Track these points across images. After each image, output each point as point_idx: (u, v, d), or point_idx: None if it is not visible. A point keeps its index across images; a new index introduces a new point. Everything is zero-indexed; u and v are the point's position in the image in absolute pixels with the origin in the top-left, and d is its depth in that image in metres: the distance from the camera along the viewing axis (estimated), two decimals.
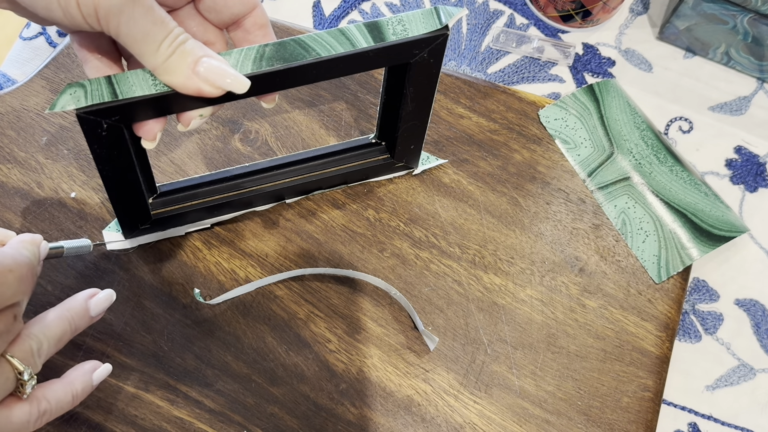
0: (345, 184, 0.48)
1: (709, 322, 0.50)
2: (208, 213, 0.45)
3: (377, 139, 0.47)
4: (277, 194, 0.46)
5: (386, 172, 0.48)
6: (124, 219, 0.42)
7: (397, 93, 0.42)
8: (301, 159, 0.46)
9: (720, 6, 0.51)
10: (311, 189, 0.47)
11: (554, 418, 0.44)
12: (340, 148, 0.47)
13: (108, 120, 0.34)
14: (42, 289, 0.44)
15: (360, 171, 0.47)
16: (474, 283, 0.47)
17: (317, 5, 0.56)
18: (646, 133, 0.51)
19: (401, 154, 0.46)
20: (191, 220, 0.45)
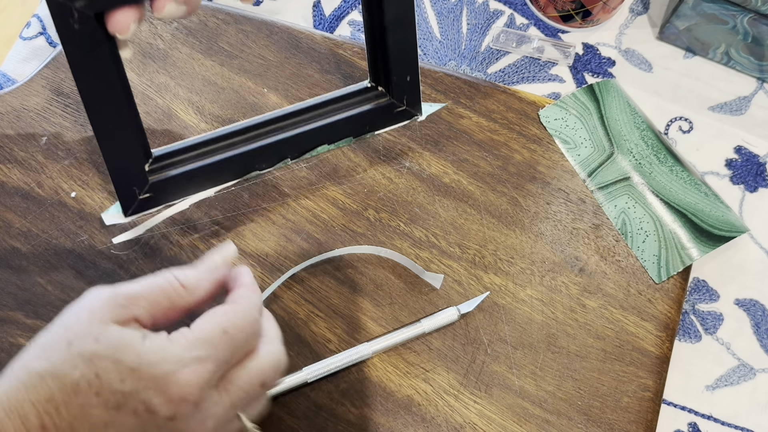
0: (350, 137, 0.46)
1: (709, 322, 0.50)
2: (210, 178, 0.43)
3: (372, 83, 0.46)
4: (279, 151, 0.45)
5: (390, 121, 0.47)
6: (121, 183, 0.41)
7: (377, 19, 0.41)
8: (298, 110, 0.45)
9: (720, 6, 0.51)
10: (314, 143, 0.46)
11: (554, 418, 0.44)
12: (337, 95, 0.46)
13: (77, 3, 0.33)
14: (42, 289, 0.44)
15: (361, 118, 0.45)
16: (474, 283, 0.47)
17: (317, 5, 0.56)
18: (646, 133, 0.51)
19: (399, 90, 0.45)
20: (192, 186, 0.43)
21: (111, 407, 0.31)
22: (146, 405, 0.31)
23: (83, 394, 0.30)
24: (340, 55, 0.51)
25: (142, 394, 0.31)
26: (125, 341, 0.31)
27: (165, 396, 0.31)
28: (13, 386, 0.30)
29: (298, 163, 0.48)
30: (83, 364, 0.31)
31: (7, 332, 0.43)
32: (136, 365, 0.31)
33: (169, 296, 0.34)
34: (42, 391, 0.30)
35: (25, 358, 0.32)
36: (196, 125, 0.49)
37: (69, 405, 0.30)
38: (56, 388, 0.30)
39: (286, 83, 0.50)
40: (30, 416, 0.30)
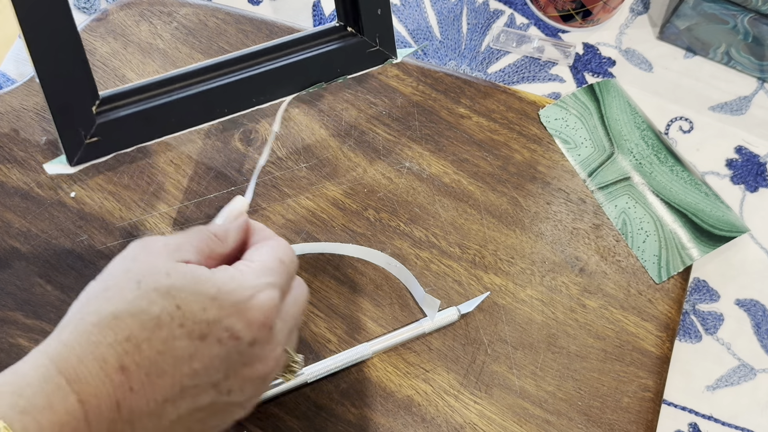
0: (321, 82, 0.44)
1: (709, 322, 0.50)
2: (166, 121, 0.40)
3: (341, 22, 0.44)
4: (242, 93, 0.42)
5: (363, 63, 0.44)
6: (65, 126, 0.38)
7: None
8: (262, 50, 0.42)
9: (720, 6, 0.51)
10: (281, 86, 0.43)
11: (554, 418, 0.44)
12: (303, 35, 0.43)
13: None
14: (42, 289, 0.44)
15: (331, 59, 0.43)
16: (474, 283, 0.46)
17: (317, 5, 0.56)
18: (646, 133, 0.51)
19: (370, 27, 0.42)
20: (146, 131, 0.40)
21: (195, 337, 0.30)
22: (230, 332, 0.31)
23: (166, 327, 0.30)
24: None
25: (225, 321, 0.31)
26: (197, 273, 0.31)
27: (246, 321, 0.31)
28: (84, 331, 0.29)
29: (298, 163, 0.48)
30: (161, 298, 0.30)
31: (6, 332, 0.43)
32: (214, 293, 0.31)
33: (208, 244, 0.34)
34: (119, 330, 0.29)
35: (89, 304, 0.30)
36: None
37: (151, 341, 0.29)
38: (136, 326, 0.29)
39: None
40: (109, 359, 0.29)
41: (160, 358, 0.29)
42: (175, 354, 0.30)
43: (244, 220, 0.37)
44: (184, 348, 0.30)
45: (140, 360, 0.29)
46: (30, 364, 0.29)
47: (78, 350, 0.29)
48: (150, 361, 0.29)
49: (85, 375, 0.28)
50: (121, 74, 0.50)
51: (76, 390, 0.28)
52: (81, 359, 0.29)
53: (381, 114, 0.50)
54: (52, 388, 0.28)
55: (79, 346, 0.29)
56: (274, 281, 0.33)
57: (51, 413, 0.27)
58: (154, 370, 0.29)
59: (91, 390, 0.28)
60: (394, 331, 0.45)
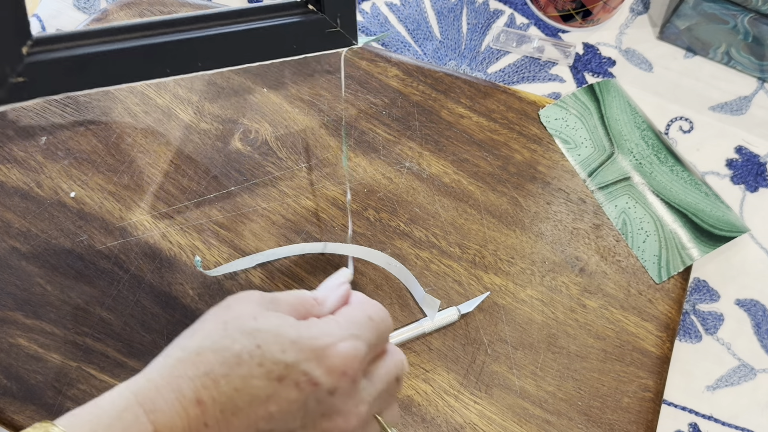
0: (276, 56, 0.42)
1: (709, 322, 0.50)
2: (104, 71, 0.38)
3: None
4: (189, 53, 0.40)
5: (322, 43, 0.42)
6: None
7: None
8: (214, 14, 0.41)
9: (720, 6, 0.51)
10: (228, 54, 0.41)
11: (555, 418, 0.44)
12: (261, 6, 0.42)
13: None
14: (41, 289, 0.44)
15: (286, 32, 0.41)
16: (474, 283, 0.46)
17: None
18: (646, 132, 0.51)
19: (332, 6, 0.41)
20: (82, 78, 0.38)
21: (273, 378, 0.30)
22: (308, 376, 0.31)
23: (245, 365, 0.30)
24: (340, 55, 0.51)
25: (303, 365, 0.31)
26: (283, 320, 0.32)
27: (325, 367, 0.31)
28: (167, 364, 0.30)
29: (298, 163, 0.48)
30: (243, 337, 0.30)
31: (6, 332, 0.43)
32: (295, 338, 0.31)
33: (304, 304, 0.35)
34: (200, 365, 0.30)
35: (177, 343, 0.31)
36: (197, 125, 0.49)
37: (230, 377, 0.30)
38: (216, 361, 0.30)
39: (286, 83, 0.50)
40: (186, 391, 0.29)
41: (237, 396, 0.30)
42: (252, 393, 0.30)
43: (345, 288, 0.37)
44: (261, 388, 0.30)
45: (217, 395, 0.29)
46: (112, 396, 0.30)
47: (158, 382, 0.29)
48: (226, 398, 0.30)
49: (162, 406, 0.29)
50: None
51: (152, 420, 0.28)
52: (159, 390, 0.29)
53: (381, 114, 0.50)
54: (129, 417, 0.28)
55: (160, 378, 0.30)
56: (359, 334, 0.33)
57: None
58: (229, 407, 0.30)
59: (166, 421, 0.29)
60: (394, 331, 0.45)
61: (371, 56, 0.51)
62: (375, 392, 0.33)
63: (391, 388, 0.34)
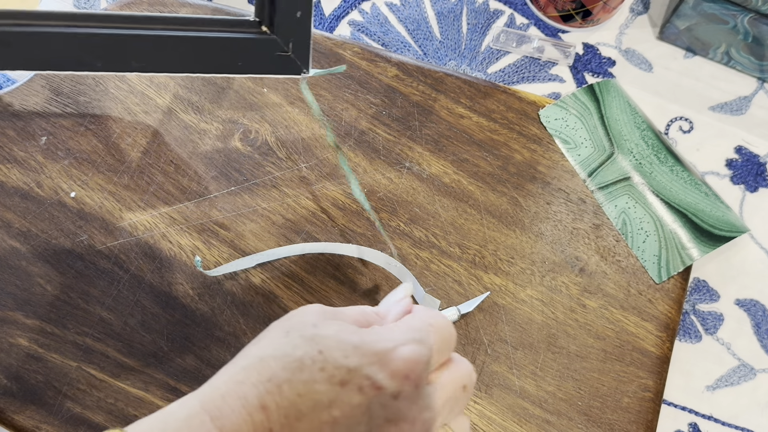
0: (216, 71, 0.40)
1: (709, 322, 0.50)
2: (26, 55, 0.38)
3: (257, 17, 0.40)
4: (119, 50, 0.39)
5: (270, 66, 0.41)
6: None
7: None
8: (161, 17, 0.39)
9: (720, 6, 0.51)
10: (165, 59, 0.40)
11: (554, 418, 0.44)
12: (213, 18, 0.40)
13: None
14: (42, 289, 0.44)
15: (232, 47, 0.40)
16: (474, 283, 0.46)
17: (317, 5, 0.56)
18: (646, 133, 0.51)
19: (285, 28, 0.40)
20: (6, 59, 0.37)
21: (336, 383, 0.30)
22: (371, 380, 0.30)
23: (307, 370, 0.30)
24: (340, 55, 0.51)
25: (366, 369, 0.31)
26: (344, 327, 0.32)
27: (388, 371, 0.31)
28: (231, 372, 0.31)
29: (298, 163, 0.48)
30: (305, 343, 0.31)
31: (6, 332, 0.43)
32: (357, 342, 0.31)
33: (365, 317, 0.35)
34: (263, 371, 0.30)
35: (241, 352, 0.32)
36: (196, 125, 0.49)
37: (292, 382, 0.30)
38: (278, 367, 0.30)
39: (286, 83, 0.50)
40: (250, 397, 0.30)
41: (300, 401, 0.30)
42: (315, 398, 0.30)
43: (407, 302, 0.37)
44: (324, 393, 0.30)
45: (280, 401, 0.30)
46: (179, 404, 0.30)
47: (222, 389, 0.30)
48: (290, 402, 0.30)
49: (227, 412, 0.29)
50: (121, 74, 0.50)
51: (218, 426, 0.29)
52: (224, 398, 0.30)
53: (381, 114, 0.50)
54: (195, 423, 0.29)
55: (224, 385, 0.30)
56: (421, 338, 0.32)
57: None
58: (293, 413, 0.30)
59: (232, 427, 0.29)
60: None
61: (371, 56, 0.51)
62: (440, 400, 0.33)
63: (458, 397, 0.34)
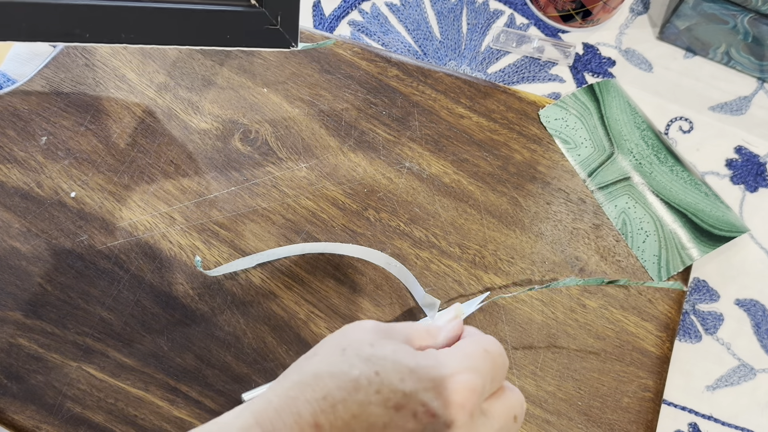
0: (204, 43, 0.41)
1: (709, 322, 0.50)
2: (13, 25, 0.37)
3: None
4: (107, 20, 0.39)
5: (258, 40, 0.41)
6: None
7: None
8: None
9: (720, 6, 0.51)
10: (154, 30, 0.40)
11: (554, 418, 0.44)
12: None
13: None
14: (41, 289, 0.44)
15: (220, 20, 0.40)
16: (474, 283, 0.46)
17: (317, 5, 0.56)
18: (646, 133, 0.51)
19: (273, 3, 0.40)
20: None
21: (391, 406, 0.30)
22: (426, 407, 0.30)
23: (363, 391, 0.30)
24: (340, 55, 0.51)
25: (421, 395, 0.30)
26: (400, 347, 0.32)
27: (444, 399, 0.31)
28: (286, 386, 0.30)
29: (298, 163, 0.48)
30: (361, 363, 0.30)
31: (6, 332, 0.43)
32: (414, 366, 0.31)
33: (418, 336, 0.35)
34: (318, 389, 0.30)
35: (296, 367, 0.31)
36: (196, 125, 0.49)
37: (347, 402, 0.30)
38: (333, 386, 0.30)
39: (286, 83, 0.50)
40: (304, 414, 0.29)
41: (354, 422, 0.30)
42: (369, 420, 0.30)
43: (459, 322, 0.37)
44: (379, 415, 0.30)
45: (334, 420, 0.29)
46: (232, 416, 0.30)
47: (276, 403, 0.30)
48: (344, 422, 0.29)
49: (280, 427, 0.29)
50: (121, 74, 0.50)
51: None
52: (278, 412, 0.29)
53: (381, 114, 0.50)
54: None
55: (278, 399, 0.30)
56: (476, 367, 0.32)
57: None
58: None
59: None
60: None
61: (371, 56, 0.51)
62: (492, 430, 0.32)
63: (509, 427, 0.34)
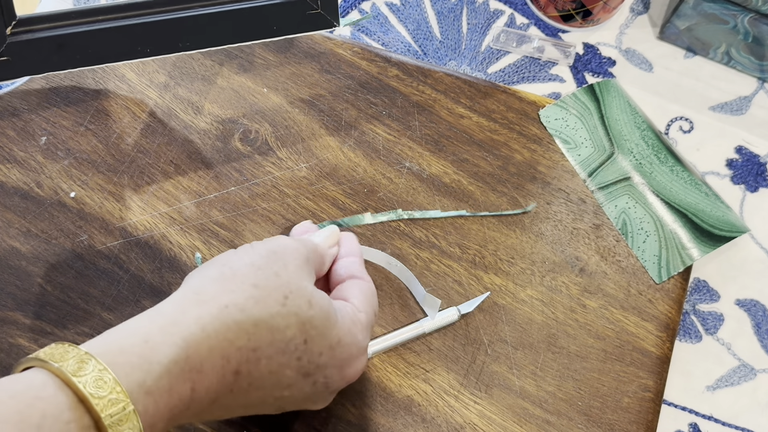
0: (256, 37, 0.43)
1: (709, 322, 0.50)
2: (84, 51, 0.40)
3: None
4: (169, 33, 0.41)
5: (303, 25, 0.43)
6: None
7: None
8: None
9: (720, 6, 0.51)
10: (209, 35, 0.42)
11: (555, 418, 0.44)
12: None
13: None
14: (41, 289, 0.44)
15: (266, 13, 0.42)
16: (474, 283, 0.46)
17: None
18: (646, 133, 0.51)
19: None
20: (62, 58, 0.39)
21: (302, 373, 0.32)
22: (326, 379, 0.34)
23: (288, 355, 0.32)
24: (340, 55, 0.51)
25: (328, 370, 0.33)
26: (330, 314, 0.34)
27: (342, 375, 0.34)
28: (224, 323, 0.30)
29: (298, 163, 0.48)
30: (296, 327, 0.32)
31: (6, 332, 0.43)
32: (335, 343, 0.33)
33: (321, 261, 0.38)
34: (253, 339, 0.31)
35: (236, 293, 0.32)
36: (197, 125, 0.49)
37: (271, 360, 0.31)
38: (266, 341, 0.31)
39: (286, 83, 0.50)
40: (232, 360, 0.30)
41: (268, 377, 0.32)
42: (280, 379, 0.32)
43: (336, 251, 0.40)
44: (290, 377, 0.32)
45: (254, 370, 0.31)
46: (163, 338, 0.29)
47: (212, 341, 0.30)
48: (260, 375, 0.31)
49: (207, 369, 0.30)
50: (121, 74, 0.50)
51: (194, 379, 0.29)
52: (211, 352, 0.30)
53: (381, 114, 0.50)
54: (176, 372, 0.29)
55: (215, 335, 0.30)
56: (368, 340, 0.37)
57: (168, 397, 0.28)
58: (257, 384, 0.31)
59: (205, 383, 0.30)
60: (394, 331, 0.45)
61: (371, 56, 0.51)
62: None
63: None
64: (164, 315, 0.30)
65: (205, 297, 0.31)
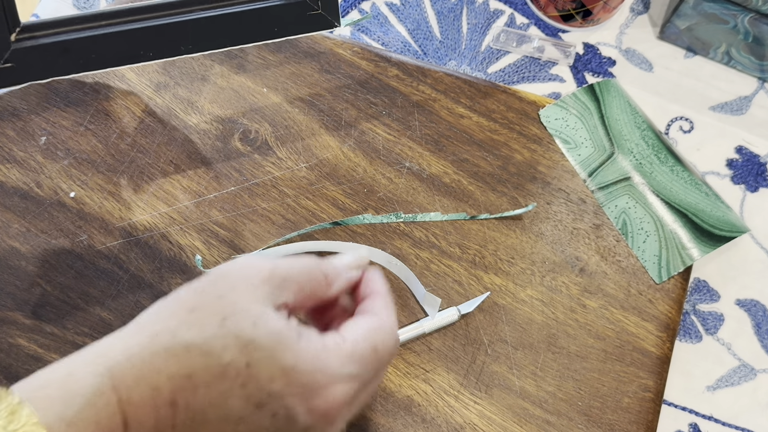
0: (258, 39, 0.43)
1: (709, 322, 0.50)
2: (88, 56, 0.40)
3: None
4: (171, 37, 0.41)
5: (304, 26, 0.43)
6: None
7: None
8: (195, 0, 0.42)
9: (721, 6, 0.51)
10: (210, 38, 0.42)
11: (555, 418, 0.44)
12: None
13: None
14: (41, 289, 0.44)
15: (268, 15, 0.42)
16: (474, 283, 0.46)
17: None
18: (646, 132, 0.51)
19: None
20: (67, 63, 0.39)
21: (252, 403, 0.28)
22: (287, 411, 0.29)
23: (229, 382, 0.28)
24: (339, 55, 0.51)
25: (287, 399, 0.29)
26: (283, 336, 0.29)
27: (308, 406, 0.29)
28: (153, 352, 0.28)
29: (298, 163, 0.48)
30: (236, 349, 0.28)
31: (6, 332, 0.43)
32: (290, 367, 0.29)
33: (313, 285, 0.32)
34: (184, 365, 0.28)
35: (170, 319, 0.29)
36: (196, 125, 0.49)
37: (210, 388, 0.28)
38: (201, 366, 0.28)
39: (286, 83, 0.50)
40: (163, 390, 0.28)
41: (210, 410, 0.28)
42: (226, 411, 0.28)
43: (357, 275, 0.35)
44: (237, 408, 0.28)
45: (192, 402, 0.28)
46: (86, 369, 0.28)
47: (138, 371, 0.28)
48: (200, 407, 0.28)
49: (137, 399, 0.27)
50: (121, 74, 0.50)
51: (123, 410, 0.27)
52: (138, 382, 0.28)
53: (381, 114, 0.50)
54: (102, 403, 0.27)
55: (141, 365, 0.28)
56: (358, 374, 0.30)
57: (96, 429, 0.27)
58: (200, 418, 0.28)
59: (137, 415, 0.28)
60: None
61: (371, 56, 0.51)
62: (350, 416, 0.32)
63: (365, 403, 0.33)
64: (95, 347, 0.29)
65: (140, 327, 0.29)
